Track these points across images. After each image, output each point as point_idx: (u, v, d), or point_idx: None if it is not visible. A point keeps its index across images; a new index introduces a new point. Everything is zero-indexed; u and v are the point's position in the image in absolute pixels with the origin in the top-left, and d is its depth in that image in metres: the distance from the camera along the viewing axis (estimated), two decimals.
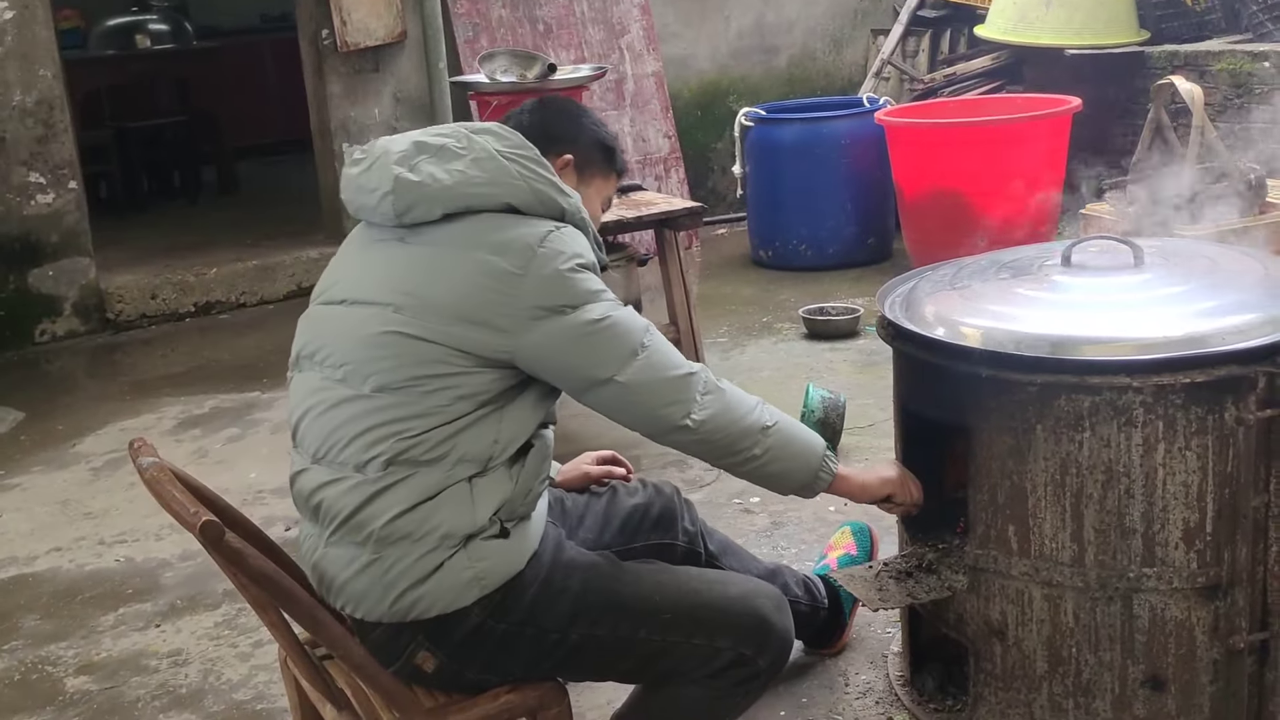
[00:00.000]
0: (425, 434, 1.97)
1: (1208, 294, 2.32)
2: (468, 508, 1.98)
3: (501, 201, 2.04)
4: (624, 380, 2.01)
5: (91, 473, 4.38)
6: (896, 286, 2.63)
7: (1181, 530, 2.21)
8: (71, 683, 3.02)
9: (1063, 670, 2.32)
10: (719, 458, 2.12)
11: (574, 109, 2.36)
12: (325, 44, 6.37)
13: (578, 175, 2.26)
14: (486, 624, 2.00)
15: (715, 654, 2.05)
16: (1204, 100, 4.76)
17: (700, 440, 2.07)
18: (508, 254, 1.99)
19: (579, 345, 1.99)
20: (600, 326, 2.00)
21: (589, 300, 2.01)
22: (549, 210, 2.07)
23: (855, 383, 4.48)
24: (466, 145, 2.07)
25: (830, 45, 7.72)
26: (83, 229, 6.12)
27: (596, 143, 2.30)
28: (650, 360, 2.03)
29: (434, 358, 1.98)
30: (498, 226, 2.02)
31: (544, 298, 1.98)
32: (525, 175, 2.05)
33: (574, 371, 2.01)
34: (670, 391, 2.03)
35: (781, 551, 3.33)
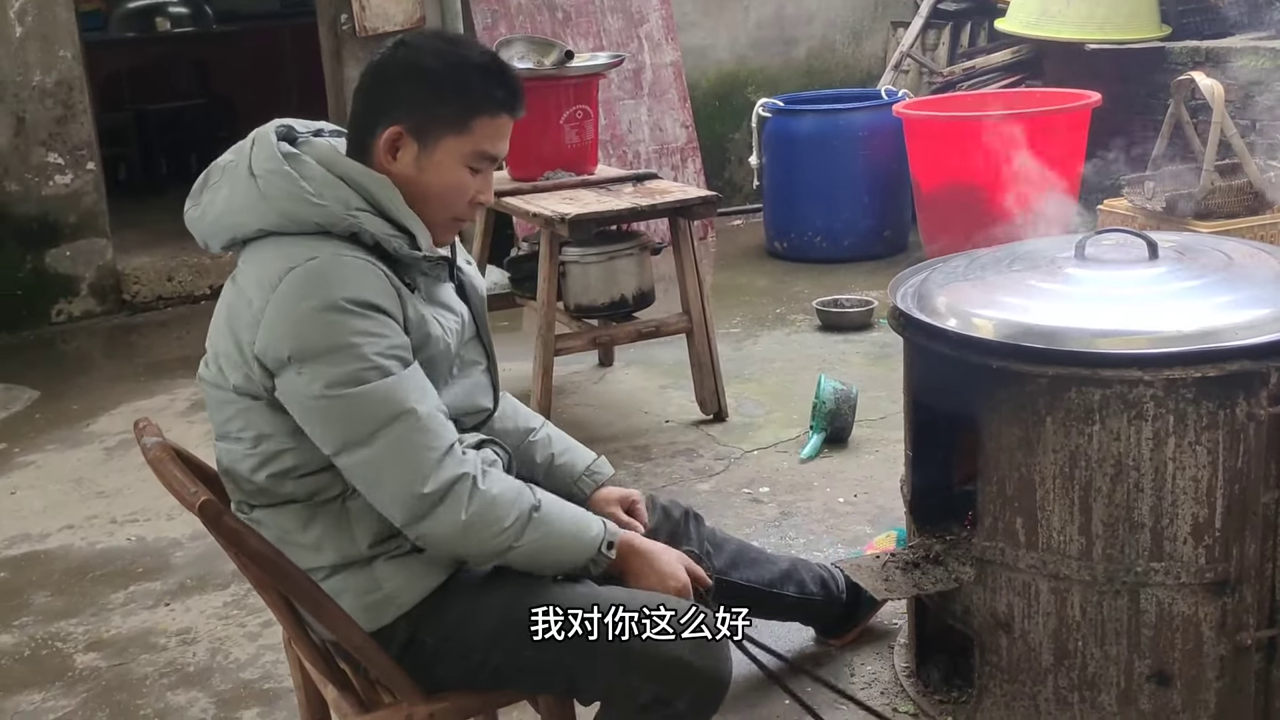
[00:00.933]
0: (254, 475, 1.91)
1: (1222, 289, 2.30)
2: (346, 535, 1.90)
3: (254, 228, 1.85)
4: (342, 463, 1.81)
5: (105, 452, 4.40)
6: (909, 277, 2.63)
7: (1190, 525, 2.19)
8: (81, 659, 3.03)
9: (1068, 664, 2.31)
10: (452, 558, 1.92)
11: (402, 59, 1.90)
12: (344, 29, 6.37)
13: (418, 144, 1.88)
14: (415, 639, 1.93)
15: (633, 691, 1.88)
16: (1224, 97, 4.73)
17: (422, 544, 1.87)
18: (254, 292, 1.82)
19: (302, 413, 1.80)
20: (324, 403, 1.77)
21: (323, 358, 1.76)
22: (302, 227, 1.82)
23: (868, 375, 4.46)
24: (234, 163, 1.89)
25: (850, 37, 7.68)
26: (100, 210, 6.15)
27: (435, 93, 1.87)
28: (379, 456, 1.78)
29: (224, 400, 1.91)
30: (262, 256, 1.85)
31: (276, 347, 1.78)
32: (268, 194, 1.83)
33: (307, 431, 1.82)
34: (390, 497, 1.80)
35: (790, 541, 3.33)
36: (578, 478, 2.23)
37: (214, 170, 1.94)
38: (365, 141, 1.90)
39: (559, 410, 4.17)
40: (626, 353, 4.89)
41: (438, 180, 1.90)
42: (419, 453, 1.79)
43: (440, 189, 1.91)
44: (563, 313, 4.23)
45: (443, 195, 1.91)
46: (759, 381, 4.59)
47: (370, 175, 1.87)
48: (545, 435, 2.26)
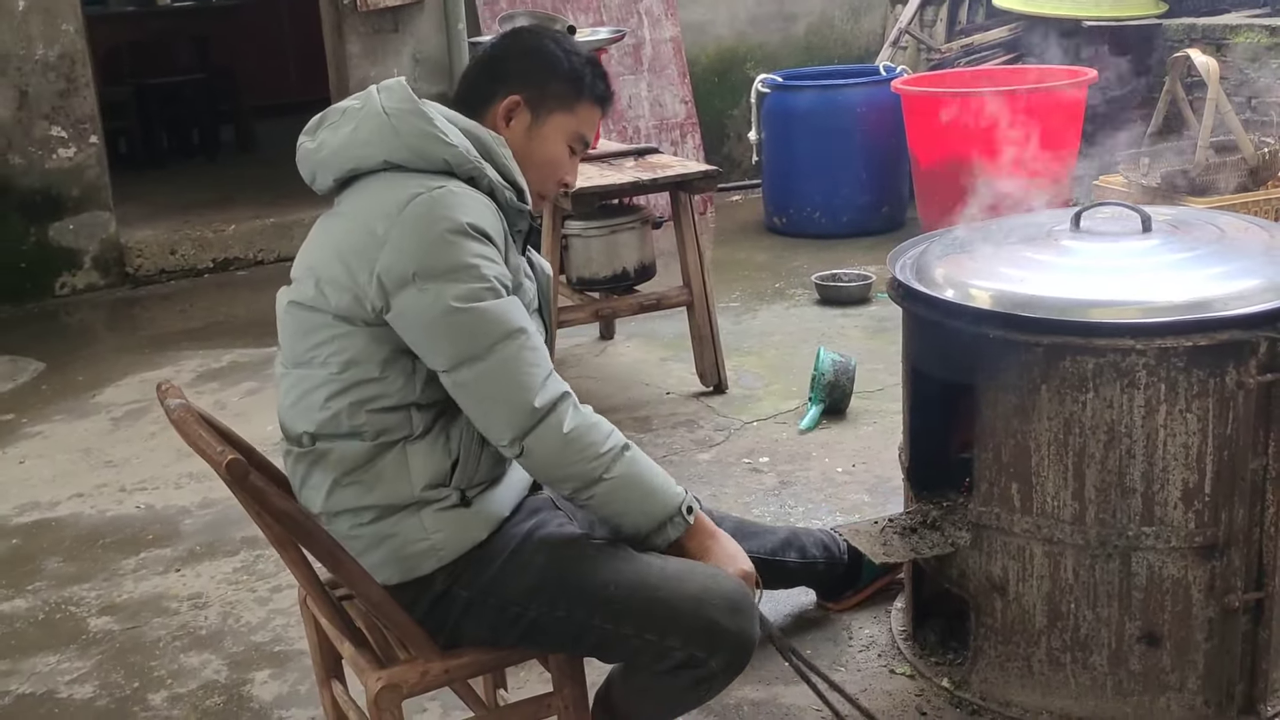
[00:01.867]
0: (332, 402, 1.96)
1: (1213, 260, 2.36)
2: (403, 478, 1.95)
3: (380, 160, 1.97)
4: (454, 379, 1.89)
5: (112, 422, 4.45)
6: (908, 249, 2.68)
7: (1180, 491, 2.26)
8: (94, 623, 3.09)
9: (1061, 625, 2.38)
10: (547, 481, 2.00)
11: (526, 41, 2.15)
12: (345, 3, 6.39)
13: (531, 115, 2.07)
14: (451, 590, 1.99)
15: (666, 652, 1.97)
16: (1219, 74, 4.77)
17: (523, 464, 1.94)
18: (375, 216, 1.92)
19: (422, 328, 1.89)
20: (449, 318, 1.86)
21: (447, 276, 1.86)
22: (430, 164, 1.95)
23: (866, 348, 4.52)
24: (362, 105, 2.01)
25: (848, 13, 7.71)
26: (103, 183, 6.18)
27: (553, 73, 2.08)
28: (493, 370, 1.87)
29: (317, 325, 1.97)
30: (379, 187, 1.95)
31: (401, 265, 1.87)
32: (400, 129, 1.95)
33: (418, 350, 1.92)
34: (499, 412, 1.88)
35: (790, 510, 3.39)
36: None
37: (332, 112, 2.06)
38: (480, 107, 2.07)
39: None
40: (627, 325, 4.95)
41: (542, 150, 2.08)
42: (530, 369, 1.89)
43: (542, 159, 2.09)
44: (565, 285, 4.28)
45: (542, 166, 2.09)
46: (758, 354, 4.65)
47: (488, 131, 2.03)
48: None
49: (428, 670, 2.00)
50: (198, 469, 3.95)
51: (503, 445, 1.92)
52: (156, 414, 4.48)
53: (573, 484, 1.95)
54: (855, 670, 2.67)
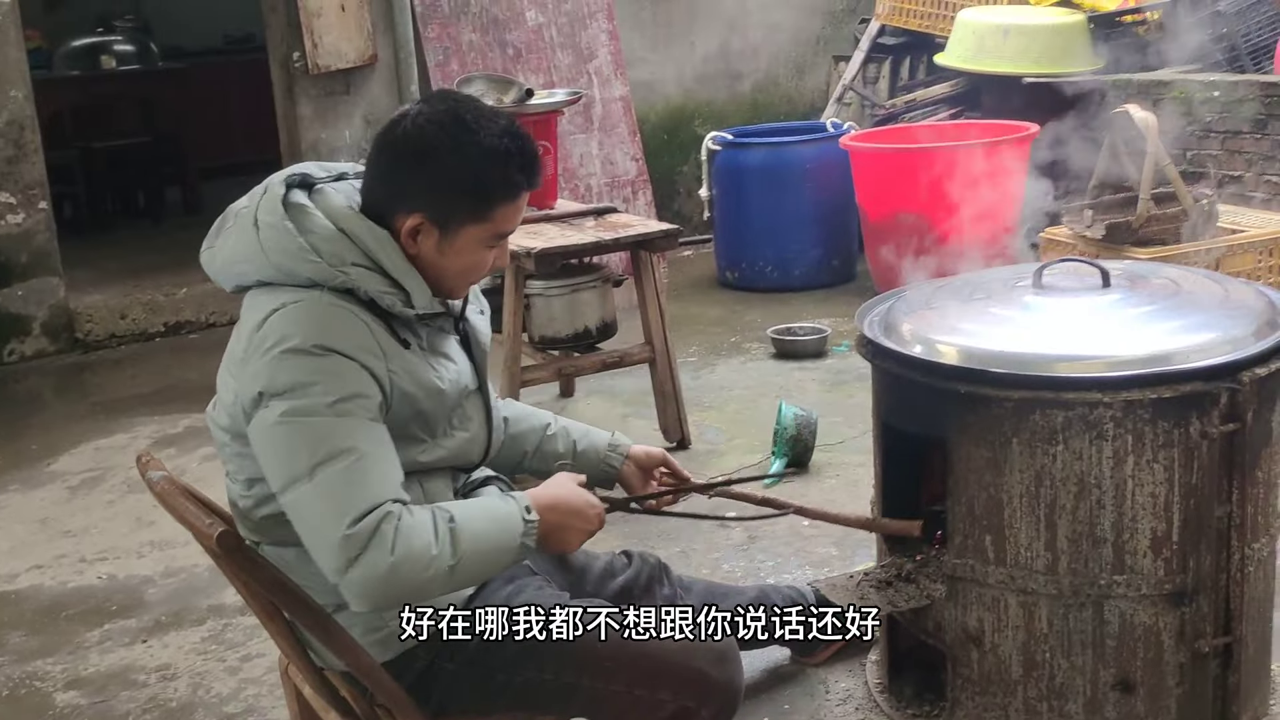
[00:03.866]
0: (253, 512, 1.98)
1: (1172, 314, 2.43)
2: None
3: (252, 278, 1.93)
4: (285, 503, 1.83)
5: (69, 491, 4.39)
6: (875, 306, 2.73)
7: (1149, 539, 2.31)
8: (61, 697, 3.04)
9: (1037, 674, 2.42)
10: (391, 606, 1.90)
11: (417, 144, 1.91)
12: (296, 66, 6.41)
13: (439, 232, 1.93)
14: (435, 664, 2.00)
15: (657, 705, 2.00)
16: (1157, 127, 4.92)
17: (359, 601, 1.81)
18: (241, 336, 1.92)
19: (259, 445, 1.84)
20: (277, 430, 1.81)
21: (282, 394, 1.80)
22: (295, 280, 1.88)
23: (824, 401, 4.58)
24: (246, 211, 1.95)
25: (793, 71, 7.86)
26: (52, 249, 6.13)
27: (458, 189, 1.91)
28: (315, 493, 1.78)
29: (221, 443, 2.00)
30: (251, 304, 1.94)
31: (251, 386, 1.84)
32: (266, 247, 1.89)
33: (266, 474, 1.86)
34: (321, 541, 1.79)
35: (759, 565, 3.42)
36: (604, 456, 2.33)
37: (229, 214, 2.02)
38: (382, 216, 1.94)
39: None
40: (587, 383, 4.97)
41: (459, 263, 1.97)
42: (352, 492, 1.77)
43: (461, 269, 1.98)
44: (527, 345, 4.30)
45: (463, 274, 2.00)
46: (719, 409, 4.69)
47: (372, 232, 1.92)
48: (561, 427, 2.36)
49: None
50: (159, 537, 3.91)
51: (334, 582, 1.80)
52: (113, 482, 4.44)
53: (423, 594, 1.86)
54: None
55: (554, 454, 2.30)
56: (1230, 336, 2.32)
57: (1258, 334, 2.33)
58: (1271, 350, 2.30)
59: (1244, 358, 2.26)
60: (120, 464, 4.58)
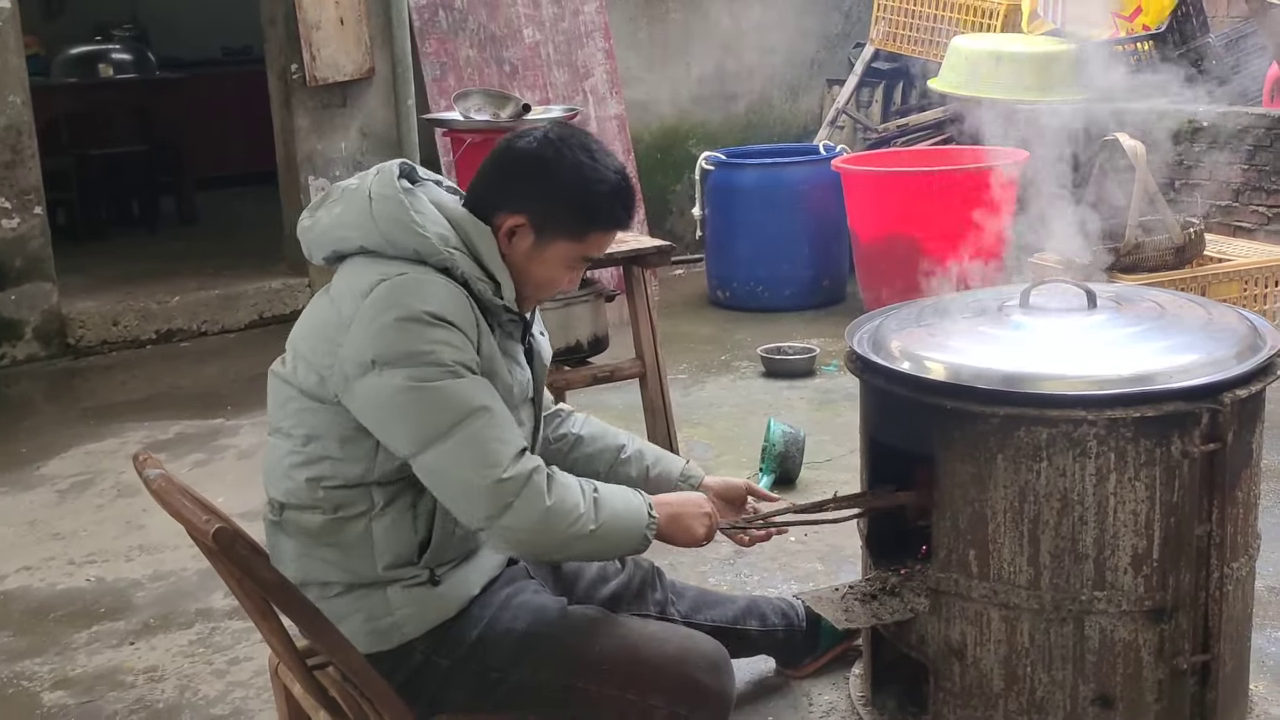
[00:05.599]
0: (298, 470, 2.02)
1: (1156, 335, 2.48)
2: (366, 555, 1.99)
3: (357, 244, 2.01)
4: (421, 463, 1.90)
5: (58, 494, 4.40)
6: (864, 323, 2.77)
7: (1130, 556, 2.35)
8: (48, 697, 3.05)
9: (1018, 689, 2.44)
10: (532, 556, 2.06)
11: (553, 158, 2.05)
12: (294, 78, 6.45)
13: (535, 237, 2.05)
14: (431, 659, 2.04)
15: (649, 711, 2.04)
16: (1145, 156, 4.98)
17: (506, 544, 1.95)
18: (344, 300, 1.97)
19: (382, 411, 1.90)
20: (403, 398, 1.87)
21: (401, 362, 1.87)
22: (400, 251, 1.97)
23: (812, 420, 4.61)
24: (356, 186, 2.05)
25: (787, 93, 7.92)
26: (46, 254, 6.14)
27: (566, 204, 2.04)
28: (458, 449, 1.87)
29: (288, 397, 2.04)
30: (354, 270, 2.00)
31: (361, 351, 1.90)
32: (379, 215, 1.98)
33: (382, 437, 1.92)
34: (472, 492, 1.88)
35: (745, 579, 3.45)
36: (674, 484, 2.37)
37: (335, 189, 2.10)
38: (485, 211, 2.06)
39: None
40: (576, 398, 4.99)
41: (542, 272, 2.08)
42: (495, 445, 1.88)
43: (542, 280, 2.10)
44: None
45: (542, 284, 2.11)
46: (708, 425, 4.72)
47: (474, 222, 2.03)
48: (636, 450, 2.41)
49: None
50: (148, 541, 3.92)
51: (478, 528, 1.91)
52: (103, 486, 4.45)
53: (555, 549, 1.97)
54: None
55: (627, 478, 2.32)
56: (1213, 358, 2.36)
57: (1239, 356, 2.38)
58: (1253, 372, 2.34)
59: (1226, 379, 2.30)
60: (110, 469, 4.59)
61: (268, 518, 2.11)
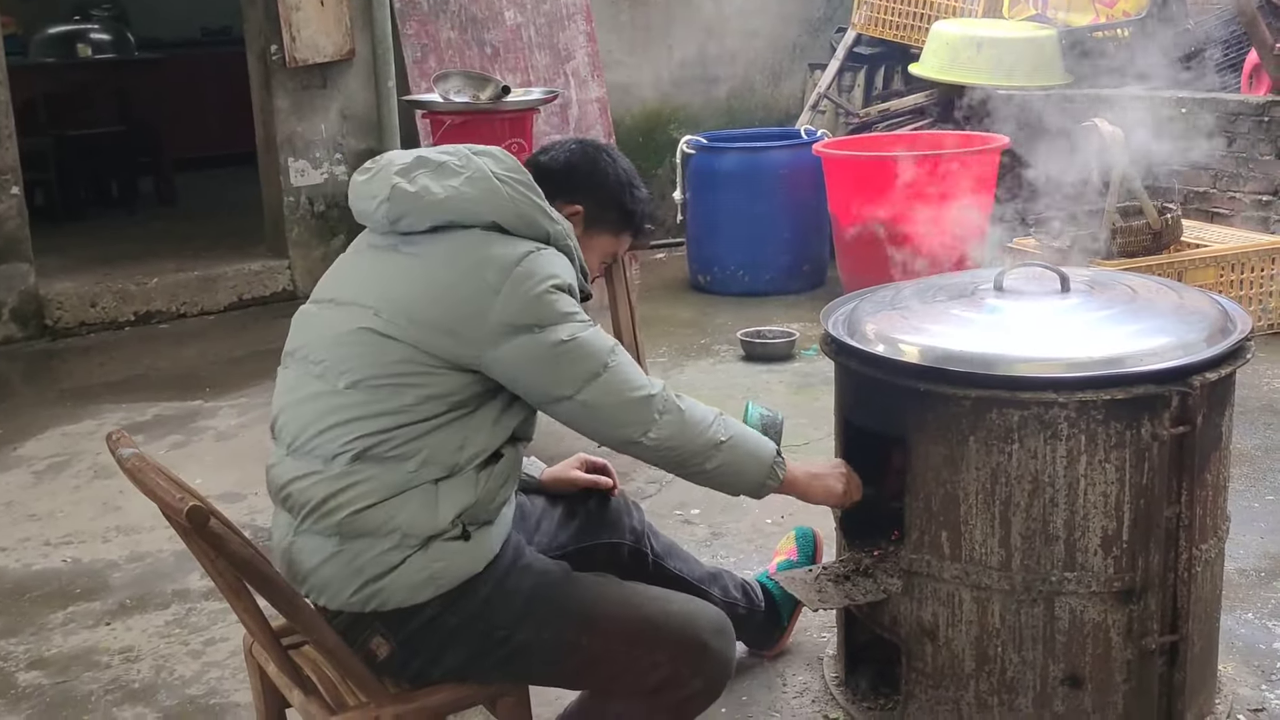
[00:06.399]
0: (392, 431, 2.05)
1: (1128, 319, 2.50)
2: (431, 509, 2.06)
3: (487, 219, 2.12)
4: (582, 399, 2.10)
5: (34, 476, 4.39)
6: (839, 306, 2.78)
7: (1100, 537, 2.37)
8: (23, 677, 3.05)
9: (989, 669, 2.47)
10: (673, 468, 2.23)
11: (606, 162, 2.40)
12: (274, 59, 6.43)
13: (584, 228, 2.33)
14: (441, 617, 2.08)
15: (652, 668, 2.10)
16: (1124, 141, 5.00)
17: (655, 455, 2.17)
18: (486, 269, 2.07)
19: (542, 364, 2.07)
20: (565, 348, 2.07)
21: (558, 321, 2.08)
22: (533, 232, 2.14)
23: (791, 403, 4.63)
24: (464, 164, 2.17)
25: (769, 78, 7.93)
26: (23, 235, 6.12)
27: (614, 203, 2.37)
28: (610, 381, 2.10)
29: (403, 357, 2.07)
30: (482, 242, 2.11)
31: (515, 315, 2.06)
32: (514, 197, 2.13)
33: (536, 387, 2.10)
34: (627, 412, 2.12)
35: (721, 560, 3.46)
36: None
37: (424, 160, 2.19)
38: (549, 196, 2.23)
39: None
40: None
41: (585, 260, 2.29)
42: (636, 371, 2.16)
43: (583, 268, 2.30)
44: None
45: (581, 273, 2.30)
46: None
47: (566, 221, 2.25)
48: None
49: (379, 716, 2.04)
50: (125, 522, 3.92)
51: (634, 441, 2.14)
52: (79, 468, 4.44)
53: (697, 459, 2.19)
54: (790, 716, 2.73)
55: None
56: (1183, 341, 2.38)
57: (1210, 340, 2.40)
58: (1222, 355, 2.36)
59: (1195, 362, 2.32)
60: (87, 450, 4.59)
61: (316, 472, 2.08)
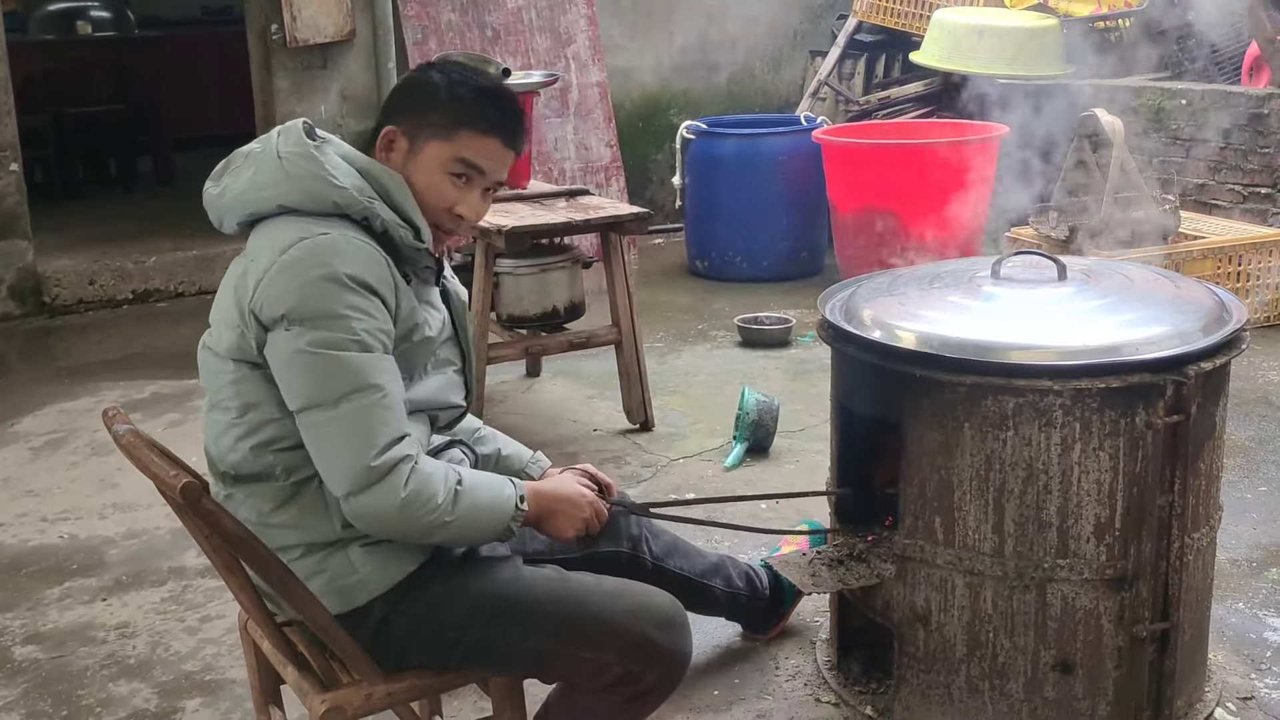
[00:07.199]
0: (241, 444, 2.01)
1: (1124, 308, 2.50)
2: (323, 517, 2.00)
3: (276, 204, 2.00)
4: (302, 422, 1.93)
5: (31, 452, 4.40)
6: (837, 292, 2.79)
7: (1093, 525, 2.38)
8: (19, 651, 3.06)
9: (980, 654, 2.48)
10: (384, 535, 2.01)
11: (413, 75, 2.17)
12: (274, 39, 6.41)
13: (409, 143, 2.06)
14: (390, 618, 2.04)
15: (602, 668, 2.04)
16: (1124, 132, 5.01)
17: (358, 521, 1.95)
18: (260, 256, 1.96)
19: (282, 366, 1.93)
20: (305, 357, 1.90)
21: (312, 322, 1.89)
22: (320, 206, 1.98)
23: (787, 389, 4.63)
24: (262, 148, 2.05)
25: (769, 64, 7.91)
26: (22, 211, 6.11)
27: (430, 103, 2.06)
28: (337, 420, 1.89)
29: (218, 368, 2.03)
30: (273, 230, 1.99)
31: (274, 305, 1.91)
32: (293, 173, 1.99)
33: (281, 388, 1.95)
34: (338, 464, 1.91)
35: (715, 545, 3.46)
36: (523, 469, 2.40)
37: (236, 156, 2.09)
38: (371, 143, 2.09)
39: (490, 418, 4.23)
40: (553, 364, 5.01)
41: (420, 179, 2.06)
42: (376, 426, 1.90)
43: (421, 187, 2.07)
44: (495, 322, 4.34)
45: (423, 194, 2.07)
46: (683, 394, 4.74)
47: (384, 170, 2.05)
48: (489, 432, 2.43)
49: (371, 694, 2.04)
50: (121, 499, 3.93)
51: (339, 497, 1.94)
52: (76, 444, 4.45)
53: (415, 536, 1.98)
54: (782, 699, 2.75)
55: (484, 457, 2.36)
56: (1179, 330, 2.39)
57: (1205, 329, 2.40)
58: (1218, 345, 2.37)
59: (1190, 351, 2.33)
60: (84, 427, 4.59)
61: (220, 491, 2.08)
